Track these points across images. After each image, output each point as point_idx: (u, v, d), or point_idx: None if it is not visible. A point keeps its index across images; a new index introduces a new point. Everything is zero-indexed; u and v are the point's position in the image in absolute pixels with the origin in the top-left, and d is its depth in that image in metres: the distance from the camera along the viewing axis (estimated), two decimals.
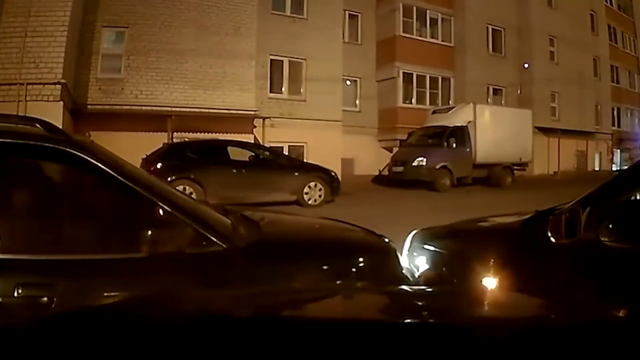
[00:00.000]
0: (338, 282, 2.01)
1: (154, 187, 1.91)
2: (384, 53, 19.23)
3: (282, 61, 15.63)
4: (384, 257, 2.30)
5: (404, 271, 2.36)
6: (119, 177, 1.77)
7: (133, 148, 10.09)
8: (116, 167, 1.81)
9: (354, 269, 2.11)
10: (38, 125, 1.98)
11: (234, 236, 1.97)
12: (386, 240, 2.49)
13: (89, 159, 1.75)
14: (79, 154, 1.75)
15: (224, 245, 1.83)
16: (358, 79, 19.17)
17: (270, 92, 15.48)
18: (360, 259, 2.20)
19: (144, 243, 1.66)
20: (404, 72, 19.10)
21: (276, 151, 11.82)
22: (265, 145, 12.79)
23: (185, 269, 1.75)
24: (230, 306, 1.22)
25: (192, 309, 1.17)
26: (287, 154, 13.79)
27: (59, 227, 1.84)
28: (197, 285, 1.69)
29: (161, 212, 1.78)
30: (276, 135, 14.32)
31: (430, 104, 19.28)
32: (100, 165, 1.76)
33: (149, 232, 1.67)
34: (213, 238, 1.82)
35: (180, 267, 1.73)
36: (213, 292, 1.69)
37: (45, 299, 1.53)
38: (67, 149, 1.75)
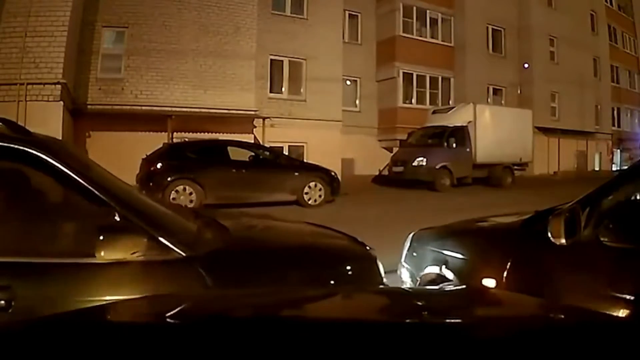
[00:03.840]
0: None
1: (117, 192, 1.86)
2: (384, 53, 19.22)
3: (282, 61, 15.63)
4: (364, 265, 2.22)
5: (384, 280, 2.25)
6: (79, 180, 1.73)
7: (133, 148, 10.13)
8: (78, 169, 1.77)
9: (331, 280, 2.04)
10: (1, 124, 1.92)
11: (197, 243, 1.93)
12: (367, 248, 2.41)
13: (48, 159, 1.71)
14: (38, 154, 1.71)
15: (184, 253, 1.79)
16: (358, 79, 19.16)
17: (270, 92, 15.47)
18: (338, 268, 2.13)
19: (98, 248, 1.62)
20: (404, 72, 19.10)
21: (276, 151, 11.80)
22: (265, 145, 12.78)
23: (138, 277, 1.71)
24: (230, 306, 1.22)
25: (192, 309, 1.17)
26: (287, 154, 13.78)
27: (16, 229, 1.80)
28: (149, 294, 1.64)
29: (119, 217, 1.74)
30: (276, 135, 14.31)
31: (430, 104, 19.27)
32: (59, 166, 1.72)
33: (104, 238, 1.64)
34: (171, 245, 1.78)
35: (133, 274, 1.70)
36: (213, 292, 1.69)
37: (2, 302, 1.51)
38: (26, 149, 1.70)
